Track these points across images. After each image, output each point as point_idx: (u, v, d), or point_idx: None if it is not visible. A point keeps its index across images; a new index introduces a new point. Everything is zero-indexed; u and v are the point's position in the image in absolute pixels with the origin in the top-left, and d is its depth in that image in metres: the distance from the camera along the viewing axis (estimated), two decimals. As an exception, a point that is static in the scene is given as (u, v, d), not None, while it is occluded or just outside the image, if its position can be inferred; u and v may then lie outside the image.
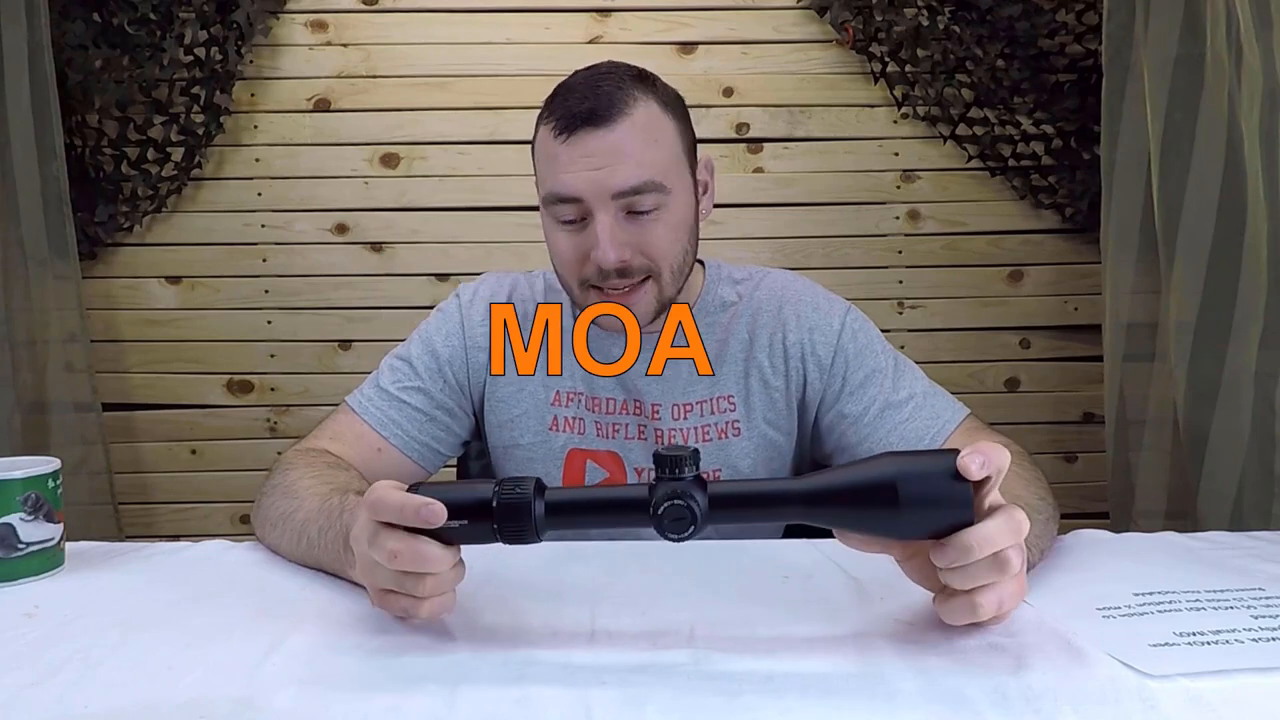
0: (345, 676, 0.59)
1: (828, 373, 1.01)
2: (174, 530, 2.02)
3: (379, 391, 1.01)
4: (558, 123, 0.90)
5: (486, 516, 0.60)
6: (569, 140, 0.89)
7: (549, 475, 1.02)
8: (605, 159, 0.89)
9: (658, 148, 0.92)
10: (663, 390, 1.02)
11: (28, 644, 0.65)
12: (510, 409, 1.04)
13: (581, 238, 0.92)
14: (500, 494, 0.60)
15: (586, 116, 0.89)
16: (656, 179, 0.90)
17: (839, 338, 1.01)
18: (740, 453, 1.01)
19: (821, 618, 0.67)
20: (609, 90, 0.90)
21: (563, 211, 0.92)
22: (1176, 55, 1.53)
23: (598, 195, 0.89)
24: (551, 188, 0.92)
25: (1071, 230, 1.98)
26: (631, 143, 0.89)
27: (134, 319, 1.99)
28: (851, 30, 1.91)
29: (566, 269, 0.95)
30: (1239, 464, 1.46)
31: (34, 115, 1.77)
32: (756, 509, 0.62)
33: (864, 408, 0.99)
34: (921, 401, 0.99)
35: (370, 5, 1.94)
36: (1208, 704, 0.53)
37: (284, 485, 0.87)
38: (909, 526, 0.59)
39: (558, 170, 0.90)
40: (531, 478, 0.62)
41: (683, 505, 0.58)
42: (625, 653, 0.61)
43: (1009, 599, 0.60)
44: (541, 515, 0.61)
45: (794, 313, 1.03)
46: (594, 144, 0.89)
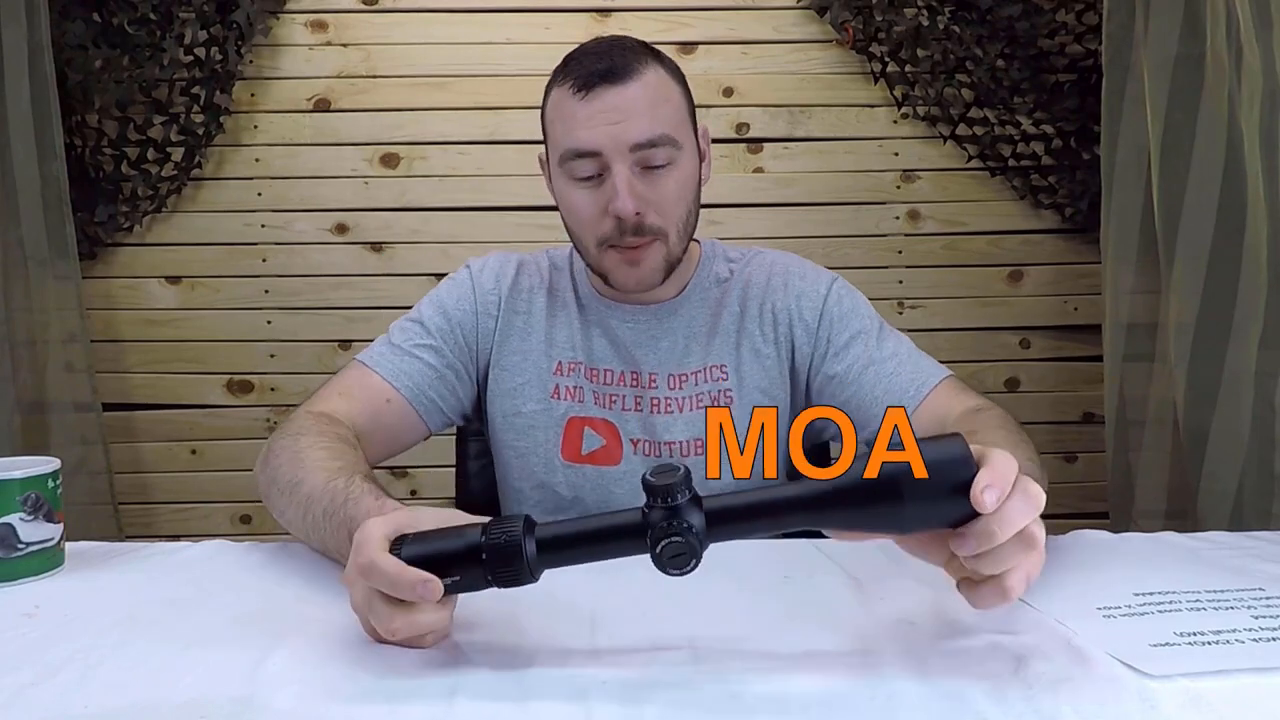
0: (345, 678, 0.59)
1: (814, 336, 1.05)
2: (174, 530, 2.02)
3: (391, 348, 1.03)
4: (575, 81, 0.95)
5: (478, 564, 0.59)
6: (587, 97, 0.94)
7: (549, 442, 1.05)
8: (622, 114, 0.93)
9: (668, 105, 0.97)
10: (659, 360, 1.05)
11: (28, 644, 0.65)
12: (514, 377, 1.06)
13: (599, 193, 0.96)
14: (489, 538, 0.59)
15: (604, 74, 0.94)
16: (669, 133, 0.95)
17: (825, 302, 1.06)
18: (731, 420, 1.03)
19: (822, 618, 0.67)
20: (622, 53, 0.96)
21: (580, 168, 0.96)
22: (1176, 55, 1.53)
23: (616, 148, 0.94)
24: (569, 144, 0.95)
25: (1071, 230, 1.99)
26: (646, 99, 0.94)
27: (134, 319, 1.99)
28: (851, 30, 1.91)
29: (584, 227, 0.99)
30: (1239, 464, 1.46)
31: (34, 115, 1.78)
32: (755, 520, 0.60)
33: (848, 365, 1.02)
34: (905, 359, 1.02)
35: (370, 5, 1.95)
36: (1208, 704, 0.53)
37: (293, 450, 0.86)
38: (918, 521, 0.57)
39: (575, 127, 0.94)
40: (520, 515, 0.60)
41: (681, 542, 0.57)
42: (625, 657, 0.61)
43: (1034, 572, 0.59)
44: (533, 554, 0.59)
45: (782, 281, 1.07)
46: (612, 99, 0.93)
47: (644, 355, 1.05)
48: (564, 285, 1.10)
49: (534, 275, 1.10)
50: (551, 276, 1.11)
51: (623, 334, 1.06)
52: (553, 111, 0.98)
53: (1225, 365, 1.48)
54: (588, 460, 1.04)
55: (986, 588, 0.58)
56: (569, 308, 1.08)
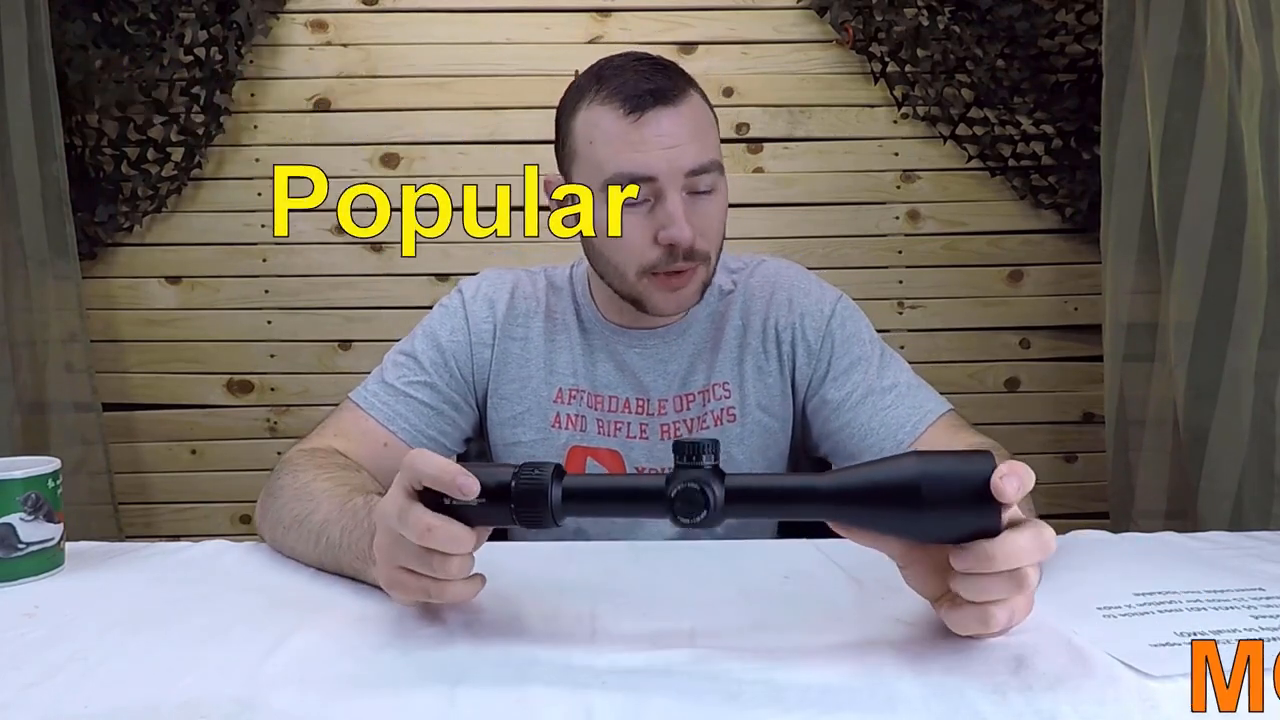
0: (345, 677, 0.59)
1: (815, 356, 1.02)
2: (174, 530, 2.02)
3: (385, 387, 1.01)
4: (624, 102, 0.90)
5: (505, 499, 0.60)
6: (641, 119, 0.90)
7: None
8: (677, 137, 0.90)
9: (712, 130, 0.95)
10: (668, 384, 1.03)
11: (28, 644, 0.65)
12: (513, 406, 1.04)
13: (650, 219, 0.92)
14: (519, 478, 0.60)
15: (657, 95, 0.90)
16: (717, 159, 0.94)
17: (828, 323, 1.03)
18: (734, 439, 1.02)
19: (822, 618, 0.67)
20: (665, 74, 0.93)
21: (631, 192, 0.91)
22: (1176, 55, 1.53)
23: (671, 173, 0.90)
24: (623, 167, 0.91)
25: (1071, 230, 1.98)
26: (696, 123, 0.92)
27: (134, 319, 1.99)
28: (851, 30, 1.91)
29: (628, 253, 0.94)
30: (1239, 464, 1.46)
31: (34, 115, 1.78)
32: (774, 504, 0.61)
33: (847, 393, 1.00)
34: (905, 391, 0.99)
35: (370, 5, 1.94)
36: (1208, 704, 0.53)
37: (295, 488, 0.86)
38: (932, 529, 0.57)
39: (627, 149, 0.90)
40: (551, 463, 0.61)
41: (696, 489, 0.58)
42: (626, 653, 0.61)
43: (1019, 613, 0.58)
44: (558, 501, 0.61)
45: (786, 297, 1.04)
46: (667, 123, 0.90)
47: (653, 381, 1.03)
48: (564, 308, 1.06)
49: (530, 298, 1.07)
50: (549, 298, 1.07)
51: (630, 360, 1.03)
52: (590, 130, 0.93)
53: (1225, 365, 1.48)
54: None
55: (969, 611, 0.58)
56: (570, 331, 1.05)
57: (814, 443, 1.05)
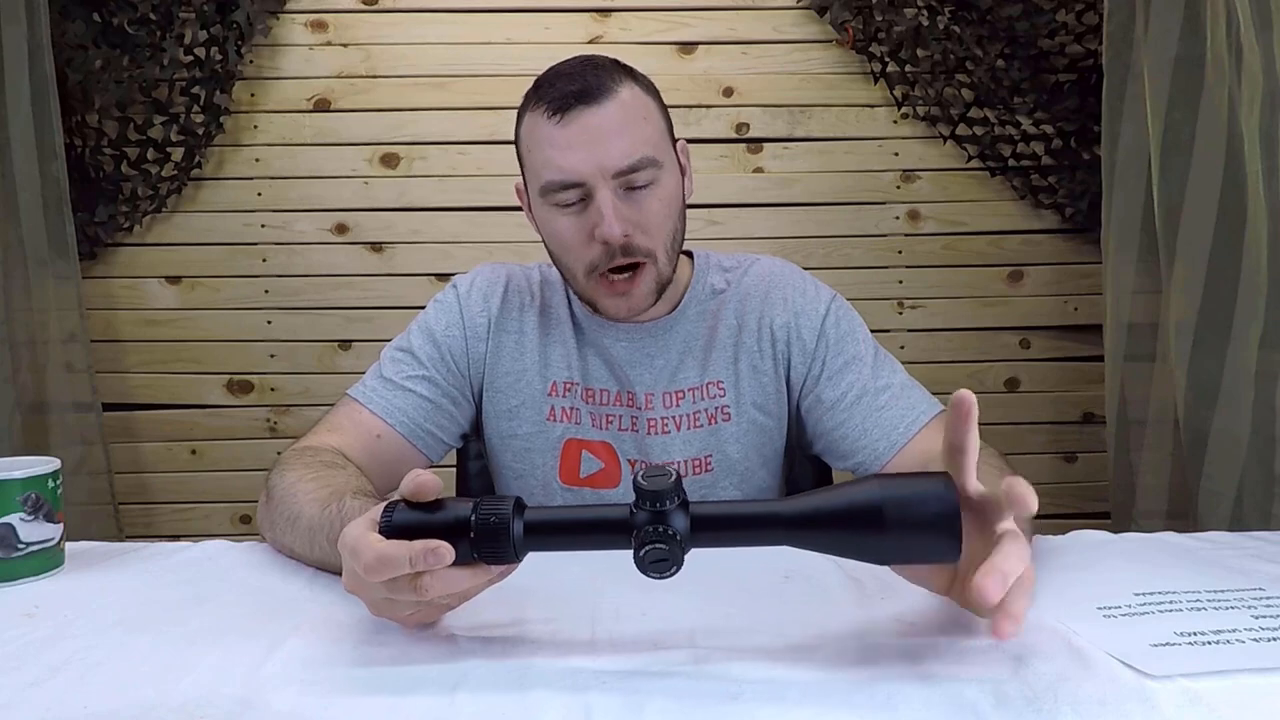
0: (345, 678, 0.59)
1: (810, 356, 1.03)
2: (174, 530, 2.02)
3: (382, 382, 1.02)
4: (549, 105, 0.92)
5: (465, 538, 0.59)
6: (564, 120, 0.91)
7: (546, 464, 1.04)
8: (601, 135, 0.91)
9: (647, 124, 0.94)
10: (654, 379, 1.03)
11: (28, 644, 0.65)
12: (509, 399, 1.05)
13: (583, 219, 0.93)
14: (479, 515, 0.59)
15: (579, 95, 0.91)
16: (650, 154, 0.93)
17: (823, 322, 1.03)
18: (729, 437, 1.03)
19: (822, 618, 0.67)
20: (595, 73, 0.93)
21: (563, 197, 0.93)
22: (1176, 55, 1.52)
23: (597, 172, 0.91)
24: (550, 174, 0.93)
25: (1071, 230, 1.99)
26: (623, 119, 0.92)
27: (134, 319, 1.99)
28: (851, 30, 1.92)
29: (571, 255, 0.96)
30: (1239, 464, 1.45)
31: (34, 115, 1.78)
32: (737, 530, 0.61)
33: (841, 393, 1.00)
34: (898, 392, 1.00)
35: (370, 5, 1.95)
36: (1208, 704, 0.53)
37: (282, 488, 0.86)
38: (894, 552, 0.58)
39: (553, 153, 0.92)
40: (511, 497, 0.61)
41: (664, 549, 0.57)
42: (625, 654, 0.61)
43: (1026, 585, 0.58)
44: (520, 536, 0.60)
45: (781, 296, 1.05)
46: (589, 120, 0.91)
47: (638, 375, 1.03)
48: (558, 303, 1.07)
49: (524, 292, 1.08)
50: (544, 293, 1.08)
51: (616, 353, 1.04)
52: (528, 138, 0.95)
53: (1225, 365, 1.48)
54: (586, 483, 1.03)
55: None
56: (563, 326, 1.06)
57: (807, 441, 1.05)
